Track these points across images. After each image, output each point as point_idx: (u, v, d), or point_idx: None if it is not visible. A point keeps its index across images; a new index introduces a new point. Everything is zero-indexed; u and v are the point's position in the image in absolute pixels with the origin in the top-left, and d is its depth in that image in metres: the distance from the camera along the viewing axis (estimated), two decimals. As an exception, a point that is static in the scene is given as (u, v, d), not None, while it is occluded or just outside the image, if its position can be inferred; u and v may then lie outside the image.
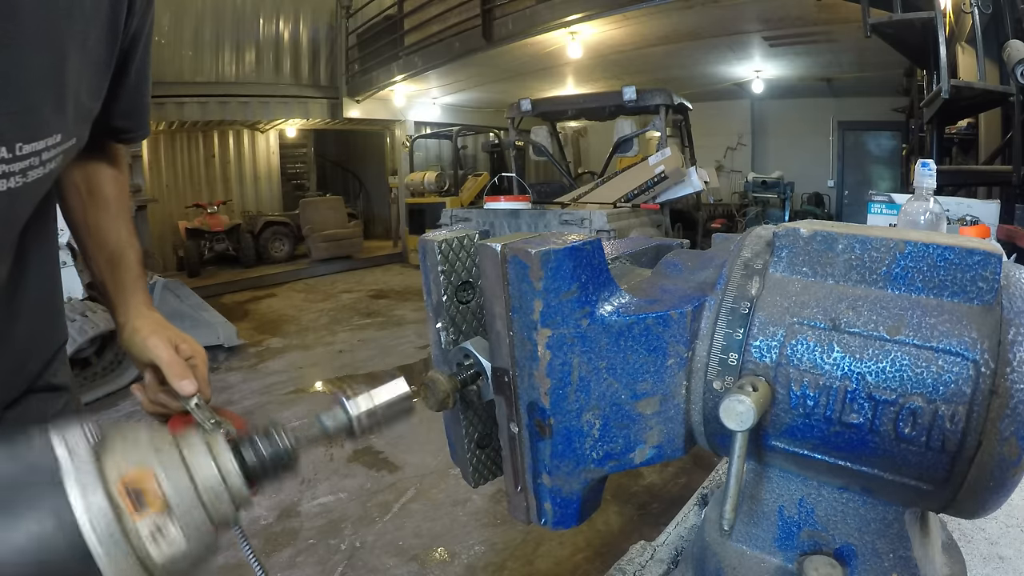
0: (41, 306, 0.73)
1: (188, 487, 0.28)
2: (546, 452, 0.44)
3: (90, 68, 0.63)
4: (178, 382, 0.72)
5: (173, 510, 0.27)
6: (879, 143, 9.97)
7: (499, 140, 9.34)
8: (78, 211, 0.81)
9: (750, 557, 0.46)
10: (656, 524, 2.35)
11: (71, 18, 0.57)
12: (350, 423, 0.38)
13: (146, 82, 0.78)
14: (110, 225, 0.82)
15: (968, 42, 3.24)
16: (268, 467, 0.33)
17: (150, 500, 0.26)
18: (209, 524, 0.28)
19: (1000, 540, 0.69)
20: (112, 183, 0.83)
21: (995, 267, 0.36)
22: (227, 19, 8.63)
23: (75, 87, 0.60)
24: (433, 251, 0.48)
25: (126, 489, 0.26)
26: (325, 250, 9.02)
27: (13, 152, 0.54)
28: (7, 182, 0.55)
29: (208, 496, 0.29)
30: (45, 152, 0.58)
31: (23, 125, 0.54)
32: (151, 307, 0.82)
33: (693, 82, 8.92)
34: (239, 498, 0.30)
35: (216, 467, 0.30)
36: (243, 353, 4.89)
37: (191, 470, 0.29)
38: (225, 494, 0.29)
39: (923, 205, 1.31)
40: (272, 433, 0.34)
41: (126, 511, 0.25)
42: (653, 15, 5.65)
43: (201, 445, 0.30)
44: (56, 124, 0.58)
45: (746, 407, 0.36)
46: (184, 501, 0.27)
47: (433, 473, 2.86)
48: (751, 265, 0.44)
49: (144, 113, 0.81)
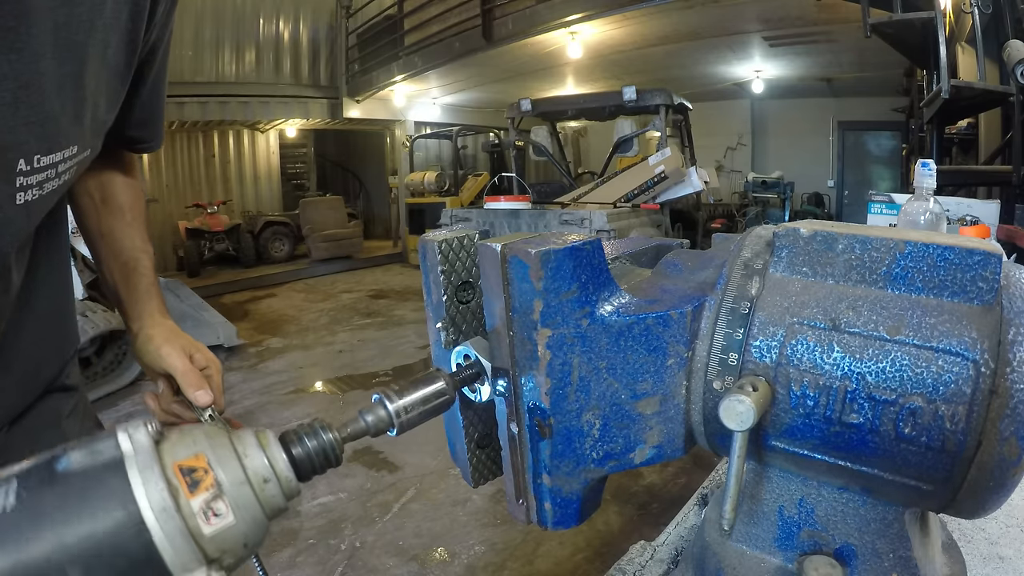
0: (54, 312, 0.73)
1: (237, 470, 0.31)
2: (546, 452, 0.44)
3: (108, 79, 0.62)
4: (193, 392, 0.72)
5: (223, 489, 0.30)
6: (879, 143, 9.97)
7: (499, 140, 9.34)
8: (92, 218, 0.81)
9: (750, 557, 0.46)
10: (656, 524, 2.35)
11: (93, 29, 0.56)
12: (390, 418, 0.40)
13: (162, 93, 0.77)
14: (124, 232, 0.81)
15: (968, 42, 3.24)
16: (315, 461, 0.35)
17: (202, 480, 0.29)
18: (256, 504, 0.31)
19: (1000, 540, 0.69)
20: (126, 191, 0.83)
21: (995, 267, 0.36)
22: (227, 19, 8.63)
23: (93, 98, 0.59)
24: (433, 251, 0.48)
25: (180, 471, 0.29)
26: (325, 250, 9.02)
27: (31, 164, 0.53)
28: (24, 195, 0.54)
29: (256, 479, 0.31)
30: (61, 164, 0.57)
31: (42, 136, 0.53)
32: (165, 314, 0.82)
33: (693, 82, 8.92)
34: (287, 486, 0.33)
35: (265, 456, 0.32)
36: (243, 353, 4.89)
37: (241, 457, 0.31)
38: (273, 479, 0.32)
39: (923, 205, 1.31)
40: (317, 429, 0.36)
41: (180, 490, 0.28)
42: (653, 15, 5.65)
43: (251, 437, 0.33)
44: (73, 135, 0.57)
45: (746, 407, 0.36)
46: (233, 481, 0.30)
47: (433, 473, 2.86)
48: (751, 265, 0.44)
49: (159, 123, 0.80)
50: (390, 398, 0.41)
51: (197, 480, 0.29)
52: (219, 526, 0.29)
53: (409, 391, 0.42)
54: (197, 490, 0.29)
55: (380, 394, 0.41)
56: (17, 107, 0.50)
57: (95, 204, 0.81)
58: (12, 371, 0.65)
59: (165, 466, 0.28)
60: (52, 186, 0.58)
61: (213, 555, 0.29)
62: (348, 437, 0.38)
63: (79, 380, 0.80)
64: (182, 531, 0.28)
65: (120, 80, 0.64)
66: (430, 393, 0.42)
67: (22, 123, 0.51)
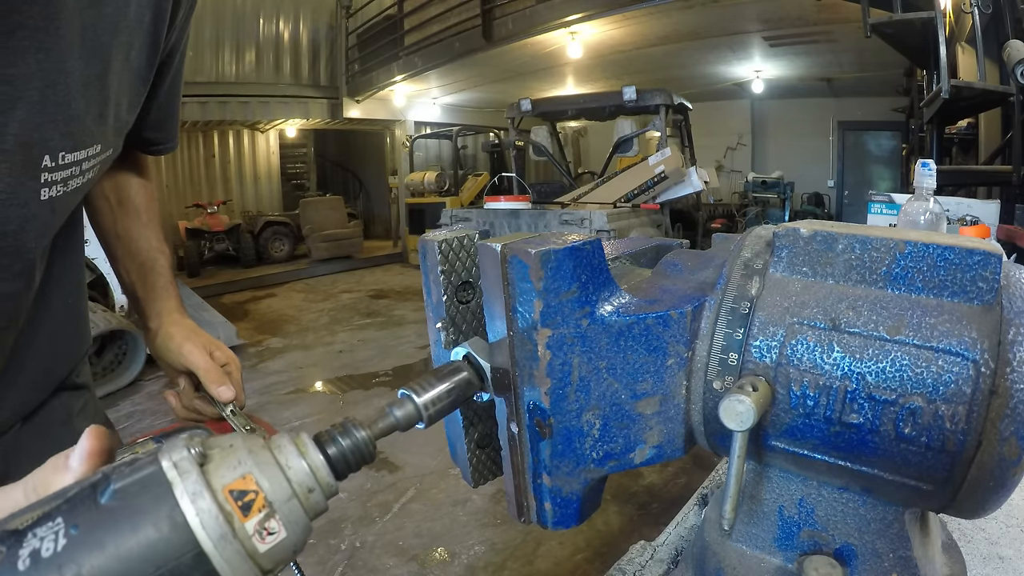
0: (68, 312, 0.73)
1: (284, 485, 0.31)
2: (546, 452, 0.44)
3: (131, 80, 0.63)
4: (216, 388, 0.73)
5: (274, 507, 0.30)
6: (879, 143, 9.97)
7: (499, 140, 9.34)
8: (108, 220, 0.82)
9: (750, 557, 0.46)
10: (656, 524, 2.35)
11: (117, 30, 0.57)
12: (418, 412, 0.41)
13: (178, 95, 0.78)
14: (140, 233, 0.83)
15: (968, 42, 3.24)
16: (350, 459, 0.36)
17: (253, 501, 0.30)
18: (304, 515, 0.32)
19: (1000, 540, 0.69)
20: (141, 192, 0.84)
21: (995, 267, 0.36)
22: (227, 19, 8.63)
23: (116, 98, 0.60)
24: (433, 251, 0.48)
25: (231, 494, 0.29)
26: (325, 250, 9.02)
27: (56, 161, 0.54)
28: (49, 191, 0.55)
29: (301, 491, 0.32)
30: (86, 162, 0.58)
31: (67, 134, 0.54)
32: (183, 313, 0.83)
33: (693, 82, 8.92)
34: (327, 489, 0.34)
35: (306, 464, 0.33)
36: (243, 353, 4.89)
37: (284, 470, 0.32)
38: (316, 487, 0.33)
39: (923, 205, 1.31)
40: (350, 428, 0.37)
41: (235, 515, 0.29)
42: (653, 15, 5.65)
43: (291, 445, 0.33)
44: (98, 134, 0.58)
45: (746, 407, 0.36)
46: (282, 498, 0.31)
47: (433, 473, 2.86)
48: (751, 265, 0.44)
49: (175, 125, 0.81)
50: (417, 392, 0.41)
51: (249, 503, 0.29)
52: (273, 543, 0.30)
53: (434, 383, 0.42)
54: (250, 513, 0.29)
55: (406, 389, 0.41)
56: (44, 105, 0.51)
57: (111, 206, 0.81)
58: (26, 369, 0.66)
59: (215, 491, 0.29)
60: (76, 183, 0.59)
61: (267, 567, 0.30)
62: (379, 433, 0.39)
63: (89, 379, 0.81)
64: (240, 553, 0.28)
65: (142, 81, 0.66)
66: (455, 384, 0.43)
67: (48, 120, 0.52)
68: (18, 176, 0.52)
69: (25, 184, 0.53)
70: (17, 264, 0.57)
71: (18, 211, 0.53)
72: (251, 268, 8.75)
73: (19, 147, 0.51)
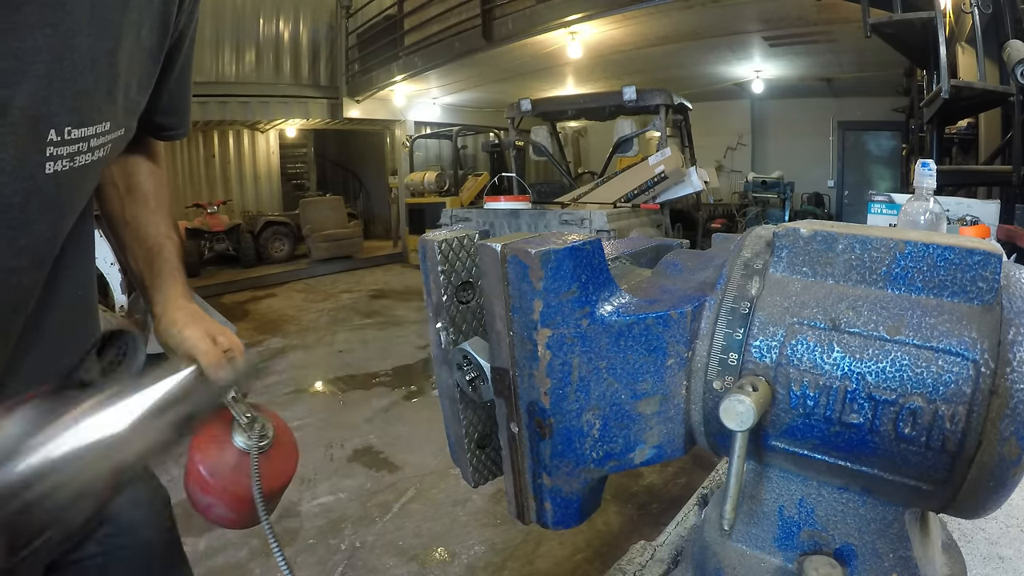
0: (76, 302, 0.74)
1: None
2: (546, 452, 0.44)
3: (142, 59, 0.64)
4: (216, 374, 0.73)
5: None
6: (879, 143, 9.97)
7: (499, 140, 9.33)
8: (116, 206, 0.82)
9: (750, 557, 0.46)
10: (656, 524, 2.35)
11: (127, 8, 0.58)
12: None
13: (189, 80, 0.79)
14: (148, 220, 0.82)
15: (968, 42, 3.24)
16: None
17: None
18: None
19: (1000, 540, 0.69)
20: (150, 178, 0.84)
21: (995, 267, 0.36)
22: (227, 19, 8.63)
23: (126, 76, 0.61)
24: (433, 251, 0.48)
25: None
26: (325, 250, 9.02)
27: (62, 135, 0.55)
28: (54, 165, 0.56)
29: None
30: (94, 139, 0.59)
31: (74, 109, 0.55)
32: (189, 298, 0.83)
33: (693, 82, 8.92)
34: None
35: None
36: (243, 353, 4.88)
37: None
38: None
39: (923, 205, 1.31)
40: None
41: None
42: (653, 15, 5.65)
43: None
44: (107, 111, 0.59)
45: (746, 407, 0.36)
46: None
47: (433, 473, 2.86)
48: (751, 265, 0.44)
49: (186, 110, 0.82)
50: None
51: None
52: None
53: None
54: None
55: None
56: (51, 80, 0.52)
57: (119, 192, 0.81)
58: (34, 356, 0.66)
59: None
60: (84, 160, 0.59)
61: None
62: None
63: (96, 377, 0.81)
64: None
65: (153, 61, 0.66)
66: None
67: (55, 95, 0.53)
68: (23, 148, 0.53)
69: (30, 157, 0.54)
70: (22, 238, 0.57)
71: (23, 183, 0.54)
72: (251, 268, 8.74)
73: (25, 120, 0.52)
